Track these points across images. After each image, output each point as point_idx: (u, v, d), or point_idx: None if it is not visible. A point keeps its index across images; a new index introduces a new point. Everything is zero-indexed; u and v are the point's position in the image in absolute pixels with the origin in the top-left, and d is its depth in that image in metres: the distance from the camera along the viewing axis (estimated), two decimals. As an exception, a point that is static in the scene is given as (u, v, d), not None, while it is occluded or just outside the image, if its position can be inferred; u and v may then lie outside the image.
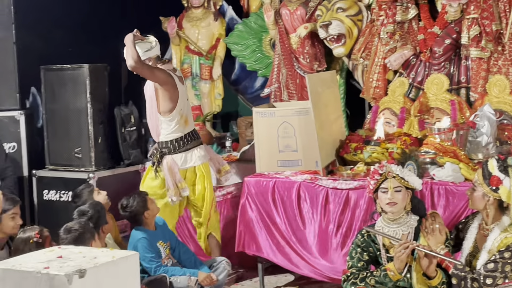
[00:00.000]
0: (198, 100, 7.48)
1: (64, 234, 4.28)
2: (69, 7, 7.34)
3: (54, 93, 6.58)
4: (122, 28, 7.56)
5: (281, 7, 6.79)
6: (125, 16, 7.92)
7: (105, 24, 7.95)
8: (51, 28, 7.13)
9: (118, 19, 7.96)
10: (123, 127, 6.66)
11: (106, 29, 7.94)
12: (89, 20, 7.76)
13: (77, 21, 7.48)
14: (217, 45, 7.45)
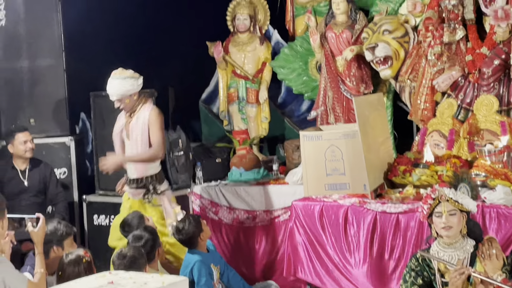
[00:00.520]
0: (245, 124, 7.51)
1: (118, 260, 4.33)
2: (117, 34, 7.49)
3: (103, 119, 6.68)
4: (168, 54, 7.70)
5: (326, 30, 6.80)
6: (171, 41, 8.05)
7: (152, 50, 8.08)
8: (100, 54, 7.28)
9: (165, 45, 8.09)
10: (171, 152, 6.72)
11: (153, 55, 8.08)
12: (137, 46, 7.90)
13: (125, 47, 7.62)
14: (263, 69, 7.49)
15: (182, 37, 8.12)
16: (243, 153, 6.99)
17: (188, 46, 8.17)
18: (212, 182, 6.88)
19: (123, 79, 5.50)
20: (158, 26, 8.10)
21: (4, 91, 6.90)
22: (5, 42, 6.81)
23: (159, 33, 8.06)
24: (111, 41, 7.52)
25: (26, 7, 6.79)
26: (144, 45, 8.01)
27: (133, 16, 7.69)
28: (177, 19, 8.27)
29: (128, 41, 7.60)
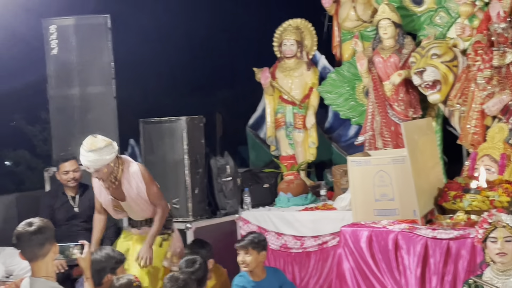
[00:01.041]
0: (292, 149, 7.52)
1: (170, 283, 4.36)
2: (165, 62, 7.60)
3: (152, 145, 6.76)
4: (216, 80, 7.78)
5: (374, 55, 6.79)
6: (219, 68, 8.14)
7: (200, 77, 8.17)
8: (149, 82, 7.40)
9: (212, 72, 8.18)
10: (219, 177, 6.76)
11: (201, 82, 8.17)
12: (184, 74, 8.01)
13: (173, 75, 7.74)
14: (310, 94, 7.51)
15: (229, 64, 8.22)
16: (291, 178, 6.99)
17: (235, 72, 8.25)
18: (260, 208, 6.90)
19: (100, 150, 5.10)
20: (205, 54, 8.20)
21: (56, 118, 7.04)
22: (57, 70, 6.96)
23: (206, 61, 8.16)
24: (159, 68, 7.66)
25: (78, 36, 6.94)
26: (191, 72, 8.12)
27: (181, 44, 7.82)
28: (224, 46, 8.38)
29: (176, 69, 7.72)
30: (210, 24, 8.22)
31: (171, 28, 7.80)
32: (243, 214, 6.77)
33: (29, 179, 11.06)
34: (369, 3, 7.42)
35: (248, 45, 8.03)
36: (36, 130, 11.35)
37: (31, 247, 3.79)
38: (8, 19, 6.81)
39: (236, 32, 8.08)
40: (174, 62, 7.85)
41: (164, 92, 7.62)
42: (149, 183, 5.34)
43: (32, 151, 11.34)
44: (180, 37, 7.75)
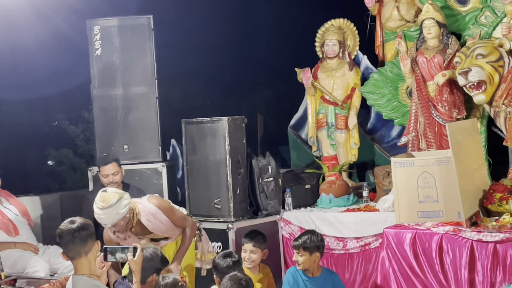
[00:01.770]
0: (334, 149, 7.50)
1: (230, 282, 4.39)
2: (207, 63, 7.64)
3: (194, 145, 6.78)
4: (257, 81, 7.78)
5: (417, 55, 6.73)
6: (260, 69, 8.15)
7: (241, 78, 8.19)
8: (190, 83, 7.45)
9: (253, 72, 8.20)
10: (260, 178, 6.76)
11: (242, 83, 8.19)
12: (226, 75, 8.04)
13: (214, 76, 7.77)
14: (352, 94, 7.48)
15: (270, 64, 8.22)
16: (333, 179, 6.96)
17: (277, 72, 8.26)
18: (301, 208, 6.89)
19: (114, 206, 4.89)
20: (246, 54, 8.22)
21: (99, 118, 7.11)
22: (101, 71, 7.03)
23: (248, 61, 8.18)
24: (202, 69, 7.69)
25: (121, 37, 7.00)
26: (233, 73, 8.14)
27: (222, 45, 7.85)
28: (265, 46, 8.39)
29: (218, 70, 7.76)
30: (252, 24, 8.24)
31: (212, 28, 7.84)
32: (284, 215, 6.76)
33: (71, 178, 11.21)
34: (413, 3, 7.36)
35: (290, 45, 8.02)
36: (78, 130, 11.50)
37: (74, 245, 3.85)
38: (54, 19, 6.91)
39: (278, 32, 8.09)
40: (216, 62, 7.89)
41: (205, 92, 7.66)
42: (170, 212, 5.26)
43: (75, 151, 11.49)
44: (222, 37, 7.78)
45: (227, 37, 7.92)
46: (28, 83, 8.52)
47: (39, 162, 11.47)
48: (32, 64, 7.67)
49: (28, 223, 6.31)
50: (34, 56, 7.54)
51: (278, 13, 8.16)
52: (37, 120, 11.27)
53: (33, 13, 6.53)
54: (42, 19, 6.65)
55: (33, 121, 11.11)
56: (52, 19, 6.93)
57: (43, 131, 11.82)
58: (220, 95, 7.68)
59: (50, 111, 11.11)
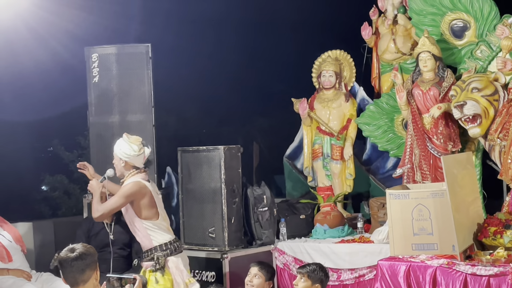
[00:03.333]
0: (329, 180, 7.53)
1: None
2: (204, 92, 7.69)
3: (190, 174, 6.81)
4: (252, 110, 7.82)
5: (413, 87, 6.80)
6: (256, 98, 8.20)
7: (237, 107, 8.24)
8: (187, 111, 7.49)
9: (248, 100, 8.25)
10: (255, 207, 6.78)
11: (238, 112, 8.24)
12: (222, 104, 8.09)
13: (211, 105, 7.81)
14: (348, 125, 7.53)
15: (266, 94, 8.28)
16: (328, 210, 6.99)
17: (273, 102, 8.31)
18: (296, 239, 6.91)
19: (123, 141, 5.52)
20: (243, 83, 8.28)
21: (95, 145, 7.12)
22: (98, 98, 7.06)
23: (244, 90, 8.23)
24: (198, 98, 7.74)
25: (118, 65, 7.03)
26: (229, 101, 8.18)
27: (219, 75, 7.91)
28: (261, 76, 8.45)
29: (214, 98, 7.81)
30: (249, 54, 8.32)
31: (209, 57, 7.91)
32: (279, 245, 6.78)
33: (66, 204, 11.23)
34: (409, 36, 7.46)
35: (287, 75, 8.09)
36: (74, 155, 11.52)
37: (73, 273, 3.85)
38: (53, 45, 6.97)
39: (274, 62, 8.16)
40: (212, 91, 7.95)
41: (201, 121, 7.69)
42: (119, 192, 5.46)
43: (70, 177, 11.50)
44: (218, 66, 7.85)
45: (223, 66, 7.99)
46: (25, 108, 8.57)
47: (33, 187, 11.47)
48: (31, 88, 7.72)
49: (21, 250, 6.30)
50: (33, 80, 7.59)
51: (275, 43, 8.24)
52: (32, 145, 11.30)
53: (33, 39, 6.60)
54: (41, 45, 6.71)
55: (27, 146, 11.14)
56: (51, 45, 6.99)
57: (37, 157, 11.84)
58: (216, 123, 7.73)
59: (45, 136, 11.14)
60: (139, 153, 5.46)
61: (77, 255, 3.88)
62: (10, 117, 8.28)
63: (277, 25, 8.28)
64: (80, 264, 3.85)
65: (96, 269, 3.92)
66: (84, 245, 3.98)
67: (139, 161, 5.49)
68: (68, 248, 3.94)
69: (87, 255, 3.92)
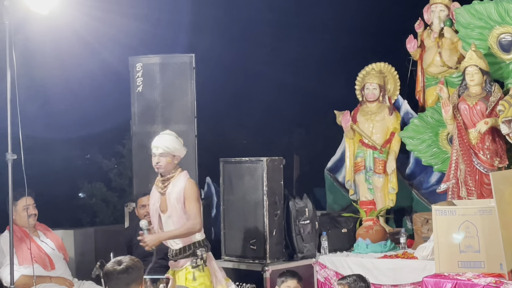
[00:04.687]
0: (372, 194, 7.49)
1: None
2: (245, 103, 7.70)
3: (231, 185, 6.82)
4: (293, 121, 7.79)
5: (459, 101, 6.73)
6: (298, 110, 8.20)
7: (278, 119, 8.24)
8: (228, 122, 7.52)
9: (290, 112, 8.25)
10: (297, 220, 6.77)
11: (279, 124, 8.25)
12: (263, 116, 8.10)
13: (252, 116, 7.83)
14: (391, 139, 7.49)
15: (308, 105, 8.28)
16: (370, 224, 6.95)
17: (315, 114, 8.31)
18: (337, 253, 6.88)
19: (170, 135, 5.45)
20: (285, 94, 8.29)
21: (138, 154, 7.19)
22: (141, 108, 7.14)
23: (286, 102, 8.25)
24: (239, 108, 7.76)
25: (162, 75, 7.11)
26: (270, 112, 8.20)
27: (261, 84, 7.93)
28: (304, 87, 8.46)
29: (255, 111, 7.81)
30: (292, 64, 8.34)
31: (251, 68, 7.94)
32: (320, 259, 6.76)
33: (103, 212, 11.29)
34: (455, 49, 7.41)
35: (330, 87, 8.09)
36: (112, 164, 11.61)
37: (118, 285, 3.88)
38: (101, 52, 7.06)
39: (318, 73, 8.17)
40: (253, 104, 7.96)
41: (243, 133, 7.71)
42: (191, 197, 5.32)
43: (108, 185, 11.59)
44: (261, 76, 7.88)
45: (266, 77, 8.01)
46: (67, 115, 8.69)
47: (71, 195, 11.59)
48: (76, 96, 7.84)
49: (64, 258, 6.36)
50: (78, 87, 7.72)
51: (319, 53, 8.25)
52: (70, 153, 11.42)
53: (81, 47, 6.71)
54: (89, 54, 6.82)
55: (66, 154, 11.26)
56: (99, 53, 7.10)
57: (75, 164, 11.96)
58: (256, 134, 7.74)
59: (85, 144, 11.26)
60: (182, 144, 5.48)
61: (124, 268, 3.90)
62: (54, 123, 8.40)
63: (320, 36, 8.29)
64: (126, 277, 3.88)
65: (141, 283, 3.95)
66: (132, 258, 4.00)
67: (183, 153, 5.50)
68: (115, 260, 3.97)
69: (134, 268, 3.94)
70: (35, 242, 6.11)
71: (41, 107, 8.08)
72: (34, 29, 5.56)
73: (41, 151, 9.91)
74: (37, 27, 5.59)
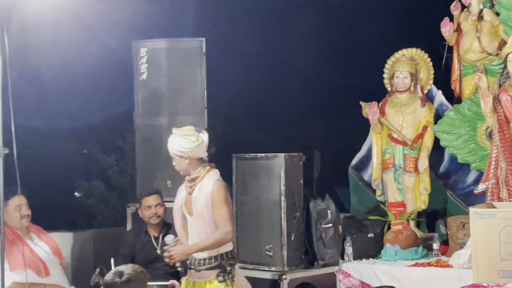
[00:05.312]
0: (401, 195, 7.48)
1: None
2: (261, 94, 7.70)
3: (245, 184, 6.81)
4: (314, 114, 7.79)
5: (500, 92, 6.71)
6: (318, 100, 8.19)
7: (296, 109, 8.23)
8: (242, 114, 7.51)
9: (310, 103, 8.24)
10: (318, 223, 6.77)
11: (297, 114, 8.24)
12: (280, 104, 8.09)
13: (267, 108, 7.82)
14: (424, 133, 7.47)
15: (331, 96, 8.27)
16: (399, 228, 6.94)
17: (338, 105, 8.29)
18: (363, 260, 6.88)
19: (177, 136, 5.36)
20: (304, 84, 8.29)
21: (142, 149, 7.21)
22: (146, 98, 7.14)
23: (305, 91, 8.24)
24: (254, 99, 7.76)
25: (169, 61, 7.11)
26: (288, 103, 8.19)
27: (278, 72, 7.92)
28: (326, 76, 8.45)
29: (271, 102, 7.81)
30: (313, 53, 8.33)
31: (269, 54, 7.93)
32: (343, 266, 6.75)
33: (102, 213, 11.35)
34: (496, 34, 7.38)
35: (355, 75, 8.07)
36: (111, 160, 11.65)
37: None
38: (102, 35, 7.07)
39: (341, 60, 8.15)
40: (270, 91, 7.96)
41: (256, 124, 7.72)
42: (219, 201, 5.25)
43: (107, 183, 11.64)
44: (278, 64, 7.87)
45: (283, 64, 8.00)
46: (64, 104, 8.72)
47: (66, 194, 11.64)
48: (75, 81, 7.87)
49: (60, 263, 6.39)
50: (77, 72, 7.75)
51: (343, 38, 8.23)
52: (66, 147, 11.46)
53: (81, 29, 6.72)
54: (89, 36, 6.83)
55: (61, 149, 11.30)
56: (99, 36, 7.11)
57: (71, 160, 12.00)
58: (272, 128, 7.75)
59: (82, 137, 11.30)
60: (198, 142, 5.35)
61: (126, 280, 3.92)
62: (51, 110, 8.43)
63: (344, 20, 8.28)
64: None
65: None
66: (135, 268, 4.02)
67: (202, 150, 5.39)
68: (115, 272, 3.99)
69: (137, 279, 3.96)
70: (28, 246, 6.14)
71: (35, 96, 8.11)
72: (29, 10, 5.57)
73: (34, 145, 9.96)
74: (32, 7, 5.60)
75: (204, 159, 5.41)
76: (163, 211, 6.61)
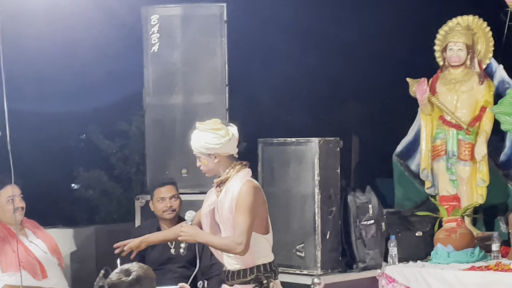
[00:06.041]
0: (455, 187, 7.47)
1: None
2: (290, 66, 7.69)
3: (273, 173, 6.85)
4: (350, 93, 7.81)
5: None
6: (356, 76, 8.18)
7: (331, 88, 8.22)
8: (268, 91, 7.50)
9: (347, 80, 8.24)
10: (358, 220, 6.78)
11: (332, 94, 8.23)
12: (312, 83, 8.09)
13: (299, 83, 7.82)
14: (482, 115, 7.45)
15: (371, 72, 8.24)
16: (453, 226, 6.92)
17: (380, 83, 8.27)
18: (409, 262, 6.89)
19: (203, 131, 5.29)
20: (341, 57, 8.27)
21: (152, 133, 7.23)
22: (157, 73, 7.15)
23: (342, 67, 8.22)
24: (282, 75, 7.74)
25: (184, 30, 7.12)
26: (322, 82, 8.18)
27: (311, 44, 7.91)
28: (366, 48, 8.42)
29: (302, 79, 7.80)
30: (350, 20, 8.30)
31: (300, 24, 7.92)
32: (387, 270, 6.77)
33: (104, 207, 11.36)
34: None
35: (400, 47, 8.05)
36: (114, 146, 11.65)
37: None
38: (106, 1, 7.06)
39: (385, 31, 8.12)
40: (301, 67, 7.95)
41: (286, 105, 7.73)
42: (240, 207, 5.11)
43: (109, 173, 11.64)
44: (312, 34, 7.86)
45: (317, 34, 7.99)
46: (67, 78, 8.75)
47: (64, 184, 11.67)
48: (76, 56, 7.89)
49: (58, 263, 6.43)
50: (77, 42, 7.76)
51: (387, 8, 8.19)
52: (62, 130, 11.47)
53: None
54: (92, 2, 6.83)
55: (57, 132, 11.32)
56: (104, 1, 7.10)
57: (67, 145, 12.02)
58: (305, 108, 7.75)
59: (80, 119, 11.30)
60: (229, 136, 5.22)
61: (134, 279, 3.96)
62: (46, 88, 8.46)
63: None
64: None
65: None
66: (140, 265, 4.06)
67: (233, 146, 5.26)
68: (121, 270, 4.03)
69: (146, 279, 4.00)
70: (23, 244, 6.20)
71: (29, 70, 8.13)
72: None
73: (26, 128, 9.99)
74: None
75: (234, 156, 5.29)
76: (178, 204, 6.61)
